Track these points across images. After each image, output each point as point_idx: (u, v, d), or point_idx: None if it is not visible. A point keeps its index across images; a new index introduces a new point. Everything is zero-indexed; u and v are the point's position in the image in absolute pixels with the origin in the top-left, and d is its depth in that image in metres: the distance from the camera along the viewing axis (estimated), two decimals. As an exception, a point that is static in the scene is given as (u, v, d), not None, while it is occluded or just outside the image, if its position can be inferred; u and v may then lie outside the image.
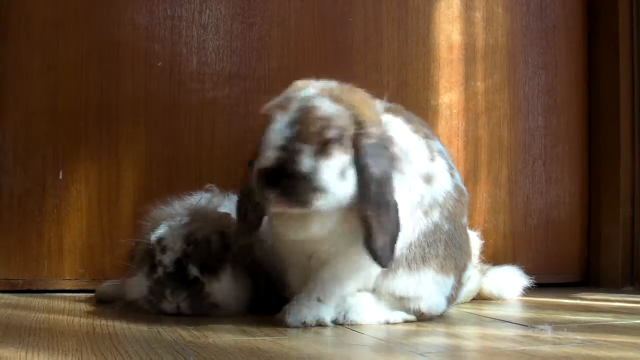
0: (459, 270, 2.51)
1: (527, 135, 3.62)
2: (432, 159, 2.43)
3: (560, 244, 3.66)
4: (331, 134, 2.09)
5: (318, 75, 3.06)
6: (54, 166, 3.09)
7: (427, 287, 2.40)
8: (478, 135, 3.54)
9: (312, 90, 2.18)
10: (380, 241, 2.14)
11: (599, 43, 3.68)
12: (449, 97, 3.49)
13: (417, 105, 3.35)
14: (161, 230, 2.52)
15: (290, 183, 2.04)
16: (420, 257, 2.37)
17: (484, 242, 3.14)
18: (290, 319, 2.31)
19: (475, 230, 3.03)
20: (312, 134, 2.07)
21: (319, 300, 2.34)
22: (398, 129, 2.37)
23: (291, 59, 3.32)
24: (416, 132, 2.44)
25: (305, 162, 2.05)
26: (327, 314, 2.34)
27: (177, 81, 3.20)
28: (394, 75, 3.43)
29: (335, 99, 2.16)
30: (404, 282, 2.37)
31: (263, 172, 2.06)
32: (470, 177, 3.45)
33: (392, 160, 2.20)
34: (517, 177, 3.59)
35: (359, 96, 2.25)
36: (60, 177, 3.08)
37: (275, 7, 3.32)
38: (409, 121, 2.46)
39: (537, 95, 3.65)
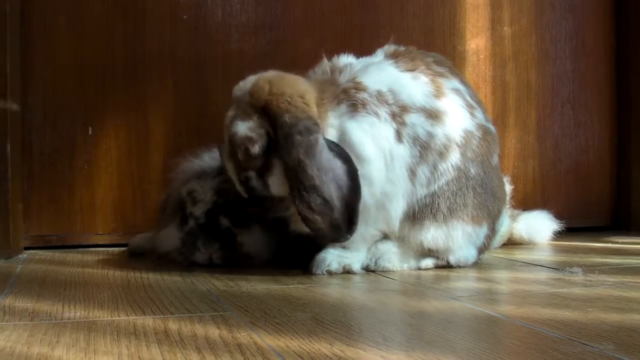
0: (491, 217, 2.47)
1: (555, 79, 3.58)
2: (440, 96, 2.39)
3: (589, 188, 3.64)
4: (254, 150, 2.20)
5: (342, 24, 3.03)
6: (82, 122, 3.10)
7: (456, 240, 2.39)
8: (505, 80, 3.51)
9: (230, 113, 2.28)
10: (319, 222, 2.18)
11: (626, -16, 3.62)
12: (476, 42, 3.45)
13: (444, 51, 3.31)
14: (191, 182, 2.54)
15: (259, 202, 2.28)
16: (447, 207, 2.35)
17: (513, 187, 3.13)
18: (315, 267, 2.35)
19: (504, 176, 3.02)
20: (243, 161, 2.22)
21: (344, 247, 2.37)
22: (375, 73, 2.39)
23: (316, 8, 3.29)
24: (412, 70, 2.42)
25: (256, 187, 2.24)
26: (355, 260, 2.37)
27: (202, 33, 3.19)
28: (420, 21, 3.39)
29: (246, 112, 2.24)
30: (431, 234, 2.36)
31: (244, 199, 2.31)
32: (499, 122, 3.42)
33: (308, 141, 2.17)
34: (545, 121, 3.56)
35: (268, 88, 2.26)
36: (90, 133, 3.10)
37: (298, -45, 3.30)
38: (410, 61, 2.45)
39: (565, 39, 3.60)
